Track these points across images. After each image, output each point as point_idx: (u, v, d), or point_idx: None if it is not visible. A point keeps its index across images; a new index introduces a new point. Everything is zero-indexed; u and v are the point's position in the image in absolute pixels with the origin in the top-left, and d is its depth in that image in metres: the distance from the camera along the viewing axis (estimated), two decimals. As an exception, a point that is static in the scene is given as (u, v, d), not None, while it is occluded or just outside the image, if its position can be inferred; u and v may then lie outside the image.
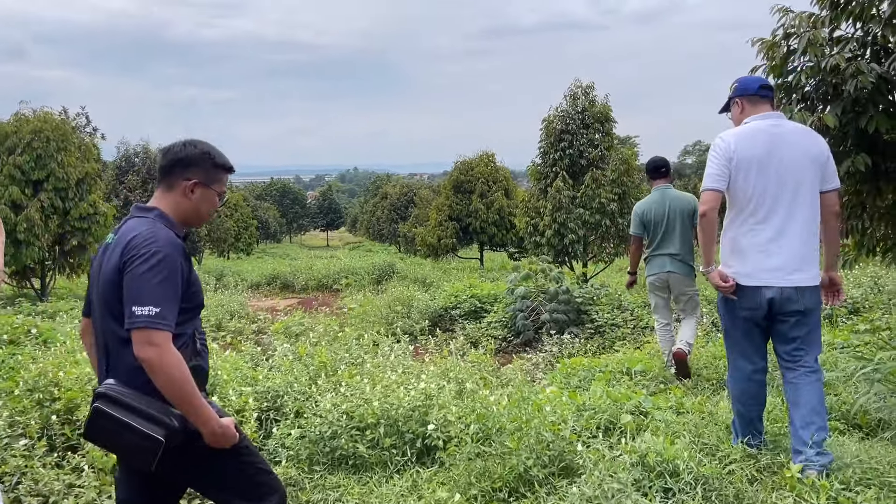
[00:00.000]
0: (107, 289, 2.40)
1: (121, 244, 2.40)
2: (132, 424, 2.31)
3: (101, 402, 2.35)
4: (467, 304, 12.81)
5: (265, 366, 5.51)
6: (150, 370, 2.27)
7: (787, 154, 3.58)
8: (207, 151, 2.63)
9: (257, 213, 56.98)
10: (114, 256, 2.40)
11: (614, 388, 5.14)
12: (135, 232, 2.41)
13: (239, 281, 23.78)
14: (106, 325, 2.44)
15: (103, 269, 2.43)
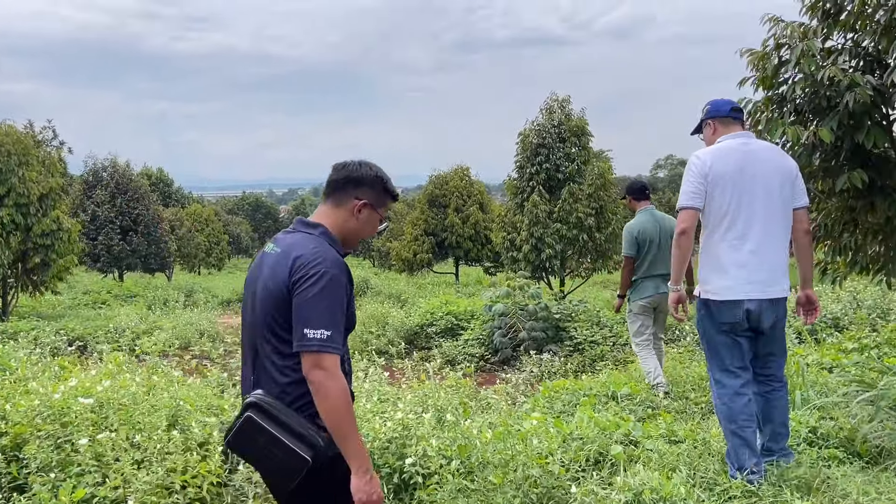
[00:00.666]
0: (268, 301, 2.37)
1: (286, 259, 2.37)
2: (282, 440, 2.25)
3: (253, 411, 2.29)
4: (443, 322, 12.56)
5: (232, 393, 5.19)
6: (317, 393, 2.24)
7: (759, 170, 3.68)
8: (381, 176, 2.62)
9: (229, 228, 56.23)
10: (279, 270, 2.37)
11: (601, 415, 4.90)
12: (302, 250, 2.38)
13: (209, 297, 23.29)
14: (260, 334, 2.40)
15: (263, 279, 2.42)
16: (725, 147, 3.77)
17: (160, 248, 29.12)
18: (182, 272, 40.18)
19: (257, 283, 2.45)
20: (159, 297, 21.34)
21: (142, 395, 4.65)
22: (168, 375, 5.37)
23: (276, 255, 2.43)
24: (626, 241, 6.37)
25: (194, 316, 16.03)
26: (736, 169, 3.67)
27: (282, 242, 2.47)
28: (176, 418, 4.49)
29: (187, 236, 38.06)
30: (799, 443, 4.28)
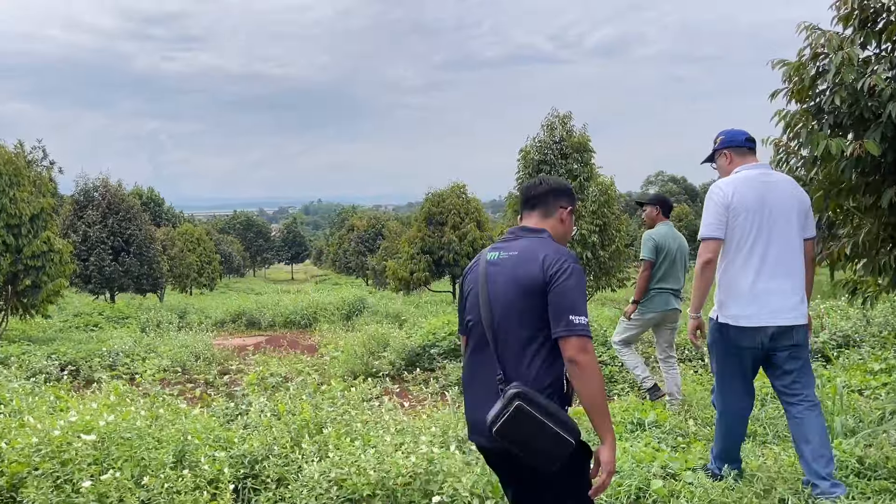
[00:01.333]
0: (517, 299, 2.59)
1: (533, 259, 2.60)
2: (549, 426, 2.44)
3: (521, 400, 2.44)
4: (447, 342, 12.27)
5: (239, 423, 4.91)
6: (581, 373, 2.48)
7: (778, 202, 3.86)
8: (571, 186, 3.01)
9: (220, 247, 55.85)
10: (529, 269, 2.59)
11: (631, 445, 4.65)
12: (546, 250, 2.63)
13: (203, 318, 22.91)
14: (506, 328, 2.61)
15: (507, 280, 2.63)
16: (745, 177, 3.92)
17: (152, 269, 28.73)
18: (174, 292, 39.73)
19: (495, 285, 2.66)
20: (152, 318, 20.94)
21: (146, 429, 4.37)
22: (172, 406, 5.09)
23: (513, 257, 2.67)
24: (647, 247, 6.32)
25: (189, 338, 15.68)
26: (757, 200, 3.83)
27: (512, 247, 2.72)
28: (183, 454, 4.21)
29: (179, 256, 37.68)
30: (847, 475, 4.04)
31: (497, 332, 2.62)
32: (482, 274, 2.71)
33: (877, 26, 4.35)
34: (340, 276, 62.68)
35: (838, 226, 5.02)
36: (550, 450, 2.46)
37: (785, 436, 5.00)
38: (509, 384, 2.50)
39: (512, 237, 2.79)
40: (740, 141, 4.06)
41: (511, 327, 2.59)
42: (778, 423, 5.20)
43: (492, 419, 2.48)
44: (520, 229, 2.81)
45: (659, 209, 6.62)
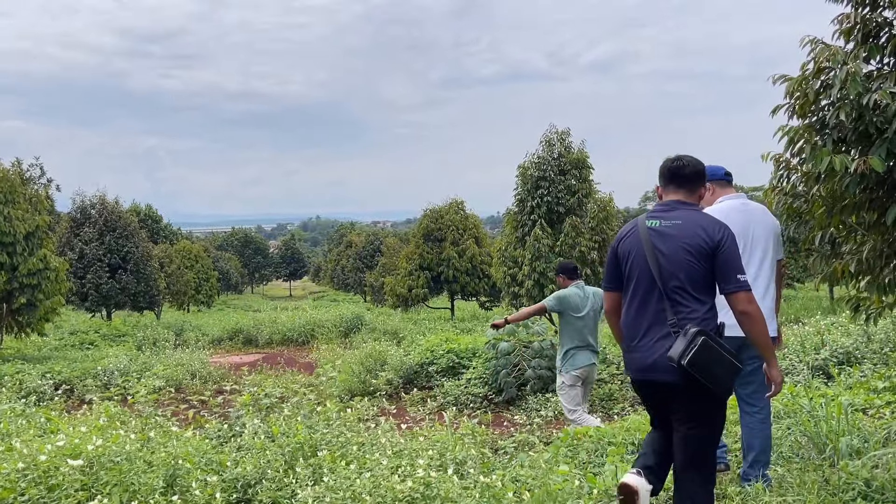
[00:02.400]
0: (685, 260, 3.15)
1: (698, 226, 3.21)
2: (724, 355, 3.08)
3: (704, 336, 3.06)
4: (444, 360, 12.15)
5: (233, 446, 4.79)
6: (751, 319, 3.17)
7: (756, 228, 4.38)
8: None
9: (218, 264, 55.71)
10: (697, 235, 3.18)
11: (633, 466, 4.55)
12: (706, 221, 3.24)
13: (200, 336, 22.79)
14: (675, 286, 3.16)
15: (671, 245, 3.19)
16: (728, 207, 4.33)
17: (149, 286, 28.61)
18: (171, 310, 39.57)
19: (662, 247, 3.20)
20: (149, 336, 20.83)
21: (136, 453, 4.26)
22: (164, 428, 4.98)
23: (677, 226, 3.22)
24: (552, 297, 6.86)
25: (185, 356, 15.56)
26: (741, 227, 4.16)
27: (672, 216, 3.26)
28: (174, 478, 4.10)
29: (176, 273, 37.55)
30: (854, 497, 3.94)
31: (667, 287, 3.16)
32: (645, 239, 3.23)
33: (879, 40, 4.29)
34: (338, 293, 62.51)
35: (841, 243, 4.94)
36: (725, 375, 3.10)
37: (789, 456, 4.90)
38: (683, 328, 3.08)
39: (668, 209, 3.31)
40: (721, 175, 4.55)
41: (680, 283, 3.15)
42: (781, 443, 5.10)
43: (680, 353, 3.03)
44: (675, 202, 3.33)
45: (564, 276, 7.17)
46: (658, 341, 3.16)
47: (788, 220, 4.92)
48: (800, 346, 10.64)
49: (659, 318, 3.19)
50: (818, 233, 4.68)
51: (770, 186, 5.01)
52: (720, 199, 4.43)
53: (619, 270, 3.36)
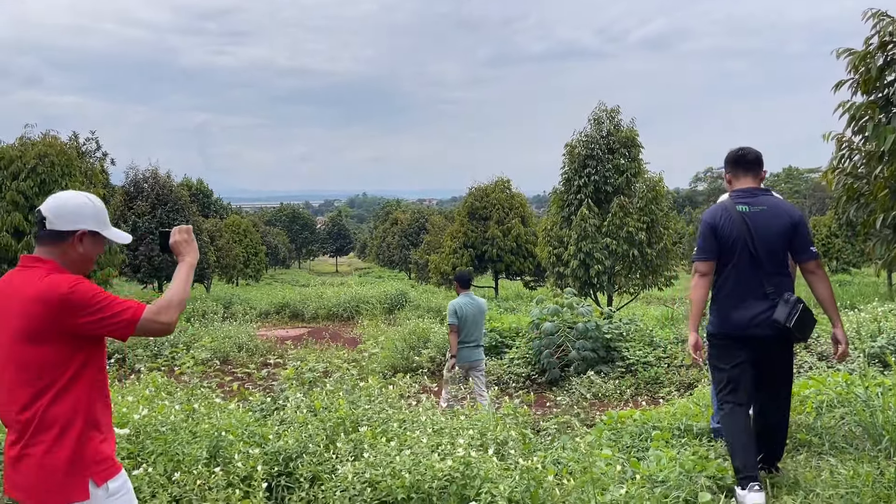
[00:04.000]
0: (774, 240, 3.84)
1: (783, 211, 3.90)
2: (813, 317, 3.86)
3: (801, 303, 3.80)
4: (487, 339, 12.11)
5: (275, 419, 4.83)
6: (822, 279, 3.96)
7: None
8: None
9: (267, 239, 56.41)
10: (782, 219, 3.87)
11: (678, 452, 4.45)
12: (784, 204, 3.97)
13: (248, 309, 23.15)
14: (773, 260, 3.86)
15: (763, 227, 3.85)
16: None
17: (200, 259, 28.98)
18: (220, 283, 40.25)
19: (756, 229, 3.85)
20: (198, 308, 21.23)
21: (181, 424, 4.32)
22: (209, 399, 5.04)
23: (764, 211, 3.88)
24: (451, 314, 8.03)
25: (233, 329, 15.83)
26: None
27: (757, 202, 3.92)
28: (217, 449, 4.14)
29: (226, 247, 38.15)
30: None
31: (762, 261, 3.83)
32: (741, 222, 3.86)
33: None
34: (383, 270, 62.90)
35: (905, 226, 4.73)
36: (811, 328, 3.86)
37: (843, 447, 4.74)
38: (780, 294, 3.83)
39: (750, 195, 3.94)
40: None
41: (772, 258, 3.85)
42: (835, 433, 4.94)
43: (786, 317, 3.76)
44: (753, 189, 3.99)
45: (458, 284, 8.36)
46: (759, 304, 3.83)
47: (847, 202, 4.73)
48: (855, 333, 10.32)
49: (758, 287, 3.86)
50: (879, 215, 4.48)
51: (830, 167, 4.81)
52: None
53: (716, 245, 3.93)
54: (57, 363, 2.36)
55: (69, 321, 2.33)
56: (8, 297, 2.42)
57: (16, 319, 2.36)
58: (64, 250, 2.50)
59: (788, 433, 4.67)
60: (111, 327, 2.36)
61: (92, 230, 2.54)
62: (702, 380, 9.10)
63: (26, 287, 2.39)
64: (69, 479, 2.34)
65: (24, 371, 2.35)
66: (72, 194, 2.57)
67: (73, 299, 2.33)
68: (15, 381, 2.36)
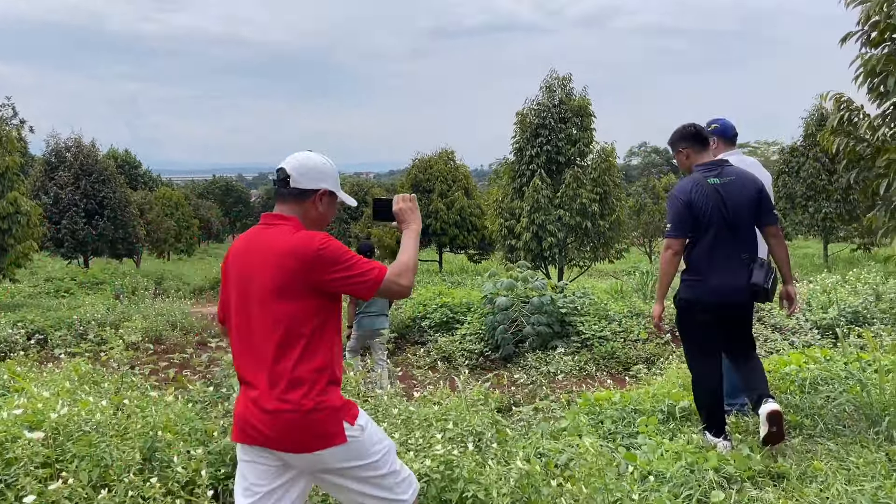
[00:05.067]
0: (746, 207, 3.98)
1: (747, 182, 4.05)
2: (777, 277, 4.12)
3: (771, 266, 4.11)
4: (438, 315, 11.66)
5: (219, 410, 4.25)
6: (782, 243, 4.20)
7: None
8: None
9: (199, 212, 54.62)
10: (747, 189, 4.02)
11: (671, 440, 4.07)
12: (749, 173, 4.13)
13: (181, 285, 22.15)
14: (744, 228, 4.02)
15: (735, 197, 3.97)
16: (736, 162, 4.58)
17: (128, 233, 27.77)
18: (150, 257, 38.77)
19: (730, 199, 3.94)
20: (127, 284, 20.16)
21: (108, 421, 3.71)
22: (141, 390, 4.42)
23: (733, 181, 3.99)
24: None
25: (165, 306, 14.95)
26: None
27: (725, 173, 4.03)
28: (153, 451, 3.55)
29: (156, 220, 36.63)
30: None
31: (738, 229, 3.96)
32: (715, 193, 3.95)
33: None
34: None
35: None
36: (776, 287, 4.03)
37: (836, 429, 4.44)
38: (754, 259, 3.96)
39: (717, 167, 4.09)
40: (730, 134, 4.78)
41: (744, 225, 3.99)
42: (825, 413, 4.64)
43: (763, 280, 3.90)
44: (717, 161, 4.16)
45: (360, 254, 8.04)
46: (737, 271, 3.95)
47: (848, 167, 4.38)
48: (806, 305, 10.25)
49: (735, 255, 3.97)
50: (883, 181, 4.15)
51: (829, 128, 4.46)
52: (722, 155, 4.58)
53: (691, 219, 3.96)
54: (302, 319, 2.42)
55: (319, 276, 2.40)
56: (257, 253, 2.49)
57: (266, 274, 2.43)
58: (305, 209, 2.57)
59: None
60: (357, 286, 2.44)
61: (331, 190, 2.61)
62: (665, 355, 8.85)
63: (277, 242, 2.46)
64: (327, 427, 2.40)
65: (272, 325, 2.41)
66: (311, 154, 2.63)
67: (325, 255, 2.40)
68: (263, 335, 2.43)
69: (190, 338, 12.48)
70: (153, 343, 12.56)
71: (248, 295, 2.49)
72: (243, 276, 2.51)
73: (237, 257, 2.57)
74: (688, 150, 4.18)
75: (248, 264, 2.51)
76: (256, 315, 2.46)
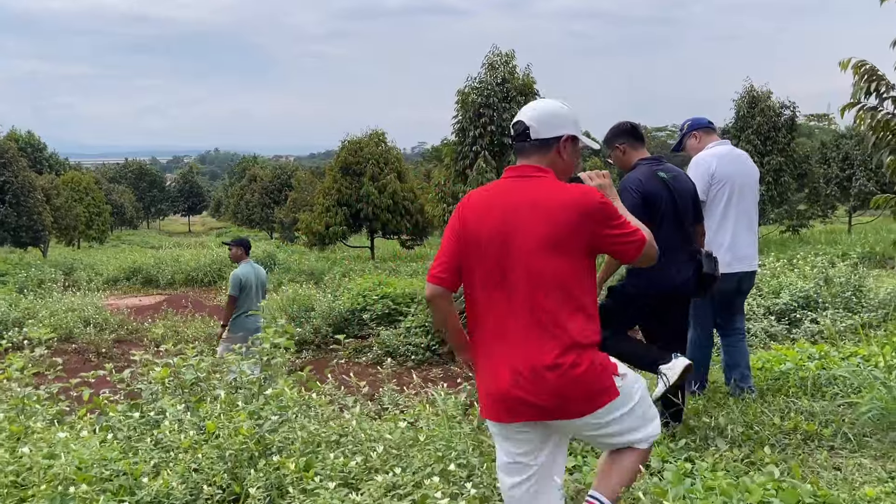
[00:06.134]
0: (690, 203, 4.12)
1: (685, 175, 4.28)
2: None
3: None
4: (379, 306, 10.90)
5: (147, 446, 3.43)
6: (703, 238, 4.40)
7: (746, 172, 4.82)
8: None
9: (111, 197, 52.07)
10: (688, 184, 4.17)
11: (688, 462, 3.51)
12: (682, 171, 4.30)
13: (93, 276, 20.66)
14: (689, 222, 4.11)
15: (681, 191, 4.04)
16: (719, 152, 4.74)
17: (33, 220, 25.94)
18: (59, 246, 36.54)
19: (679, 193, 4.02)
20: (33, 276, 18.61)
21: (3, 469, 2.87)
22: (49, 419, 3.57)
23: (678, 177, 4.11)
24: (233, 285, 7.75)
25: (77, 300, 13.70)
26: (733, 173, 4.70)
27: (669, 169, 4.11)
28: None
29: (64, 206, 34.46)
30: None
31: (683, 224, 3.99)
32: (665, 187, 3.93)
33: None
34: (242, 230, 59.79)
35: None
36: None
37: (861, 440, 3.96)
38: (698, 251, 4.03)
39: (660, 163, 4.10)
40: (705, 123, 4.90)
41: (688, 219, 4.06)
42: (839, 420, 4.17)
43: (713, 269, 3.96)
44: (658, 157, 4.16)
45: (242, 250, 8.09)
46: (686, 263, 3.96)
47: (878, 145, 3.89)
48: (756, 290, 9.99)
49: (684, 247, 3.98)
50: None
51: (853, 101, 3.95)
52: (709, 145, 4.77)
53: (646, 212, 3.75)
54: (575, 276, 2.35)
55: (595, 230, 2.33)
56: (521, 206, 2.36)
57: (539, 228, 2.31)
58: (552, 160, 2.45)
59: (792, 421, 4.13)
60: (625, 245, 2.39)
61: (573, 135, 2.49)
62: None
63: (549, 194, 2.35)
64: (603, 383, 2.34)
65: (545, 283, 2.31)
66: (547, 101, 2.54)
67: (606, 209, 2.35)
68: (532, 293, 2.31)
69: (105, 335, 11.40)
70: (64, 342, 11.45)
71: (510, 252, 2.34)
72: (501, 232, 2.34)
73: (486, 212, 2.40)
74: (625, 145, 4.16)
75: (509, 219, 2.35)
76: (522, 273, 2.32)
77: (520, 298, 2.31)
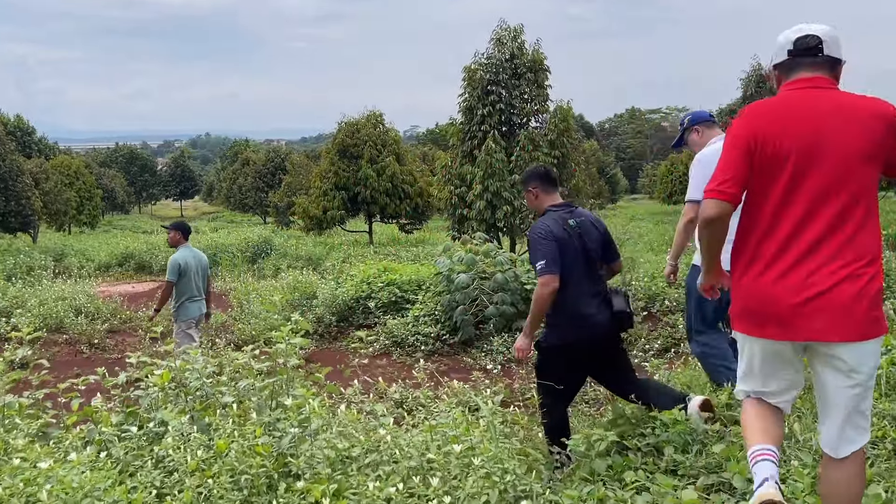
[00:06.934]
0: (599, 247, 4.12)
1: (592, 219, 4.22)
2: None
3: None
4: (385, 294, 10.42)
5: (147, 470, 2.93)
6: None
7: None
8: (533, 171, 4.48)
9: (102, 182, 51.32)
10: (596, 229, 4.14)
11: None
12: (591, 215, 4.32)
13: (84, 262, 20.10)
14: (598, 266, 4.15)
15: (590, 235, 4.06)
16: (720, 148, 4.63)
17: (21, 205, 25.31)
18: (49, 231, 35.88)
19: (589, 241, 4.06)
20: (21, 263, 18.04)
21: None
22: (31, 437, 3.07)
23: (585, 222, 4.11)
24: (172, 270, 7.54)
25: (67, 287, 13.14)
26: None
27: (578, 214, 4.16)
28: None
29: (54, 191, 33.77)
30: None
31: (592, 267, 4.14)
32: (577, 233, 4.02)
33: None
34: (235, 214, 59.11)
35: None
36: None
37: None
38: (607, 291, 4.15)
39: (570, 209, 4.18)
40: (706, 117, 4.82)
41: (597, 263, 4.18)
42: None
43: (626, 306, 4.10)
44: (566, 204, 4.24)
45: (179, 235, 7.81)
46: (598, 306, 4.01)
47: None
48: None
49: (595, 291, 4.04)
50: None
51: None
52: (711, 140, 4.63)
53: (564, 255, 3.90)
54: (874, 189, 2.32)
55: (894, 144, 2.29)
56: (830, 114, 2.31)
57: (856, 137, 2.27)
58: (831, 82, 2.40)
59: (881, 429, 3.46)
60: None
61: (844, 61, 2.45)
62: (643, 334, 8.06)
63: (856, 104, 2.32)
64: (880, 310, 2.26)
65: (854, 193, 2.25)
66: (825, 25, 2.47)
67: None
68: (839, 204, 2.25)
69: (98, 325, 10.87)
70: (54, 332, 10.93)
71: (822, 161, 2.28)
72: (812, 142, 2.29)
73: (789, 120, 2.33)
74: (537, 189, 4.21)
75: (821, 127, 2.29)
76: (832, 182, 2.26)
77: (831, 210, 2.26)
